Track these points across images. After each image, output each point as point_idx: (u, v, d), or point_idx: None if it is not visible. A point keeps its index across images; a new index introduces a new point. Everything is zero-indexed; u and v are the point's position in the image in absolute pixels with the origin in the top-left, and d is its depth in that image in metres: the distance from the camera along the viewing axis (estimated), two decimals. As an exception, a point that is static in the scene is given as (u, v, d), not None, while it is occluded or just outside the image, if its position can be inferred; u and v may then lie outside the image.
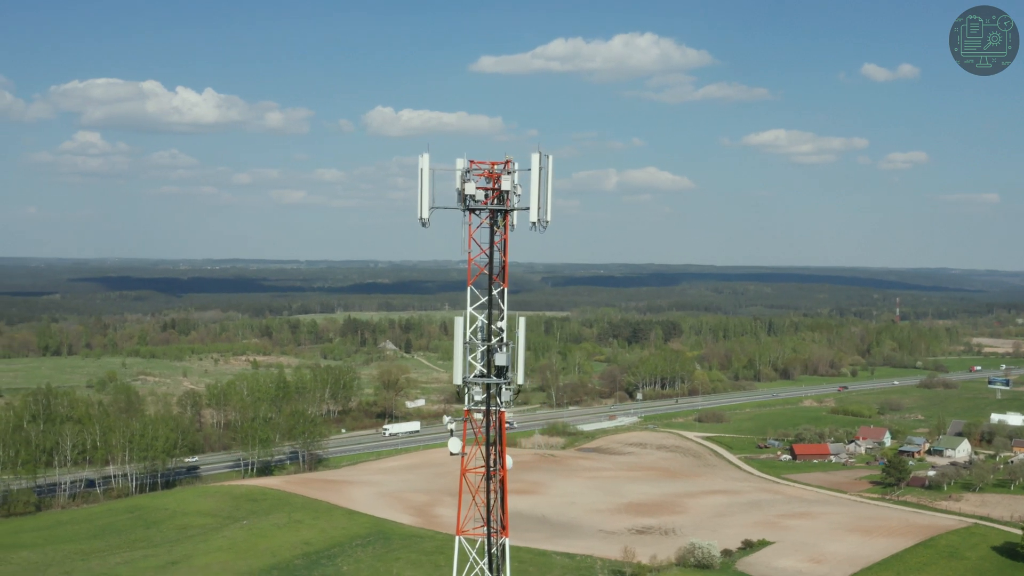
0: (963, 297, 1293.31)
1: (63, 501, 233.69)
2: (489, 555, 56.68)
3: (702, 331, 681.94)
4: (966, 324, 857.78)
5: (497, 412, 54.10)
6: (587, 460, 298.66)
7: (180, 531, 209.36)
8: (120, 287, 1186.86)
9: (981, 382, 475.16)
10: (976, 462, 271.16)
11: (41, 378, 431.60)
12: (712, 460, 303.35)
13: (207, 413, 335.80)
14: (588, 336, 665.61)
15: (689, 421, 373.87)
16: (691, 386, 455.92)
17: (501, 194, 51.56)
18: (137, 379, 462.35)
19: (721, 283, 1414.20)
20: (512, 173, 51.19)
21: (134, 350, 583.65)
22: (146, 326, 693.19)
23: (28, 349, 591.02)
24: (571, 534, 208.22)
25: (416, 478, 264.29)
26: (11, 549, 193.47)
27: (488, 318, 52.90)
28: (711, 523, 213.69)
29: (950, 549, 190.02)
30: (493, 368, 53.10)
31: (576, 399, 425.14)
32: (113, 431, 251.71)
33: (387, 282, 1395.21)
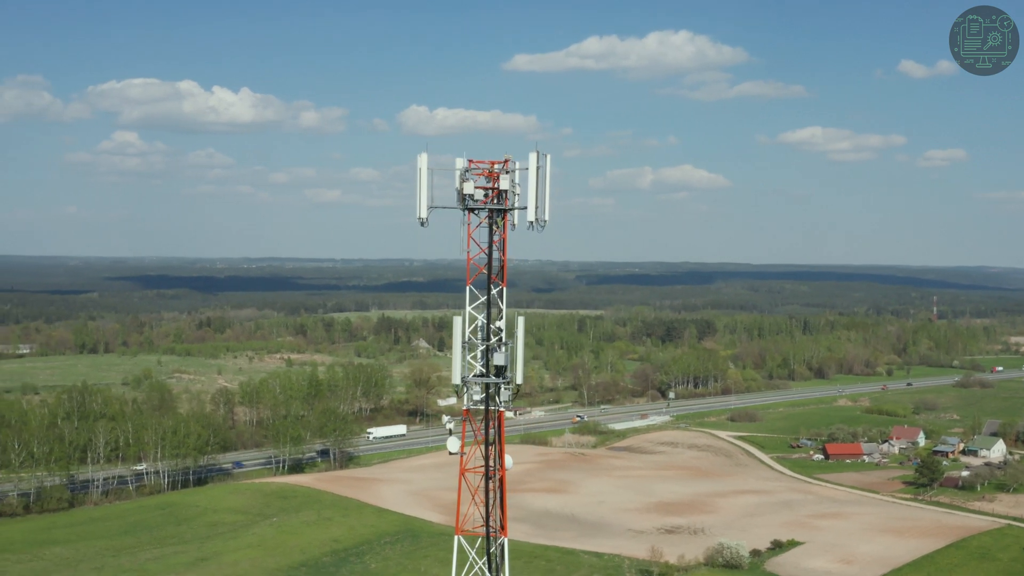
0: (1002, 296, 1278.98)
1: (96, 498, 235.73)
2: (488, 554, 56.56)
3: (737, 330, 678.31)
4: (1004, 323, 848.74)
5: (496, 412, 53.93)
6: (618, 459, 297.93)
7: (210, 528, 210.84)
8: (157, 285, 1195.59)
9: (1018, 381, 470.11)
10: (1011, 462, 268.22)
11: (77, 376, 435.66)
12: (744, 459, 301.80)
13: (240, 411, 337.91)
14: (622, 335, 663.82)
15: (721, 420, 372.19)
16: (724, 385, 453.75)
17: (500, 193, 51.42)
18: (172, 377, 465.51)
19: (757, 281, 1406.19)
20: (511, 172, 51.05)
21: (170, 348, 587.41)
22: (182, 324, 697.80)
23: (65, 347, 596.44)
24: (600, 533, 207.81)
25: (445, 476, 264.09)
26: (44, 545, 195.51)
27: (487, 317, 52.74)
28: (741, 523, 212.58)
29: (982, 550, 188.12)
30: (492, 368, 52.97)
31: (608, 398, 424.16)
32: (145, 428, 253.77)
33: (422, 280, 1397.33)
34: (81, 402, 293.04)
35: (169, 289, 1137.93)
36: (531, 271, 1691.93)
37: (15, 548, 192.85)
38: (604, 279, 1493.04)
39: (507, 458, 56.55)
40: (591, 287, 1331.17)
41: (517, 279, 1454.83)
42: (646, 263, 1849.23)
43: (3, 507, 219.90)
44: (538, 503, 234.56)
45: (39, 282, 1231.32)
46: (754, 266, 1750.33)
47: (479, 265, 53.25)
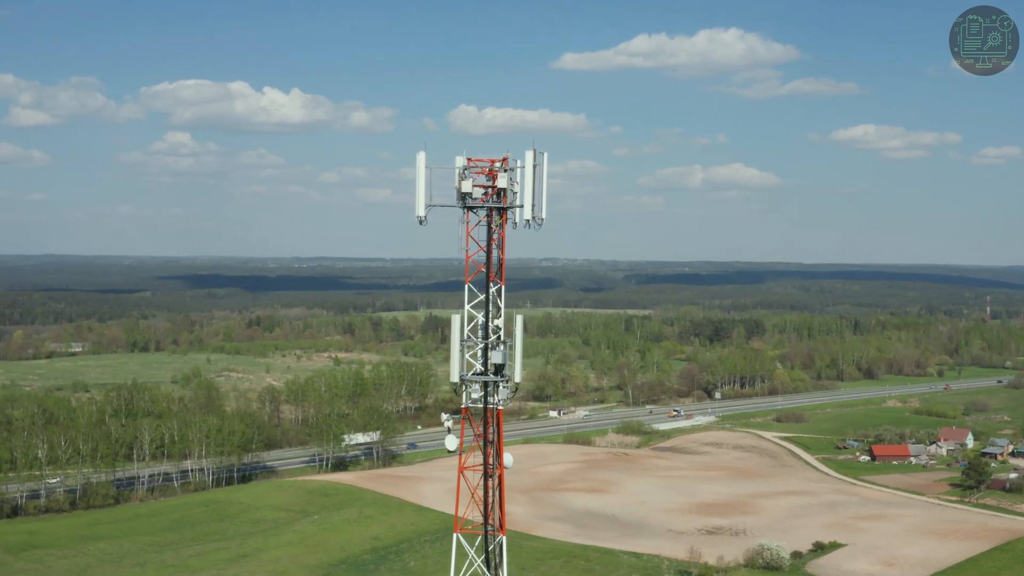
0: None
1: (141, 494, 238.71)
2: (487, 553, 56.62)
3: (786, 330, 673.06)
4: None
5: (495, 410, 53.88)
6: (661, 459, 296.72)
7: (253, 525, 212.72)
8: (209, 285, 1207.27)
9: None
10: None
11: (128, 374, 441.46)
12: (789, 460, 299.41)
13: (286, 409, 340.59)
14: (669, 334, 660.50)
15: (768, 421, 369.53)
16: (771, 385, 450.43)
17: (499, 192, 51.39)
18: (221, 375, 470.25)
19: (808, 281, 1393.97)
20: (509, 171, 50.99)
21: (219, 347, 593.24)
22: (232, 323, 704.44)
23: (117, 345, 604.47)
24: (640, 533, 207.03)
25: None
26: (88, 541, 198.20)
27: (486, 316, 52.70)
28: (783, 524, 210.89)
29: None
30: (491, 366, 52.94)
31: (653, 398, 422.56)
32: (190, 426, 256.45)
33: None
34: (129, 400, 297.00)
35: (220, 288, 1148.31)
36: (579, 270, 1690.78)
37: (60, 544, 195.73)
38: (653, 278, 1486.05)
39: (507, 456, 56.44)
40: (640, 286, 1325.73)
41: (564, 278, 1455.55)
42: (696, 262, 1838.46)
43: (50, 503, 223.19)
44: (579, 503, 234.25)
45: (93, 281, 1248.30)
46: (805, 265, 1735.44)
47: (478, 264, 53.22)
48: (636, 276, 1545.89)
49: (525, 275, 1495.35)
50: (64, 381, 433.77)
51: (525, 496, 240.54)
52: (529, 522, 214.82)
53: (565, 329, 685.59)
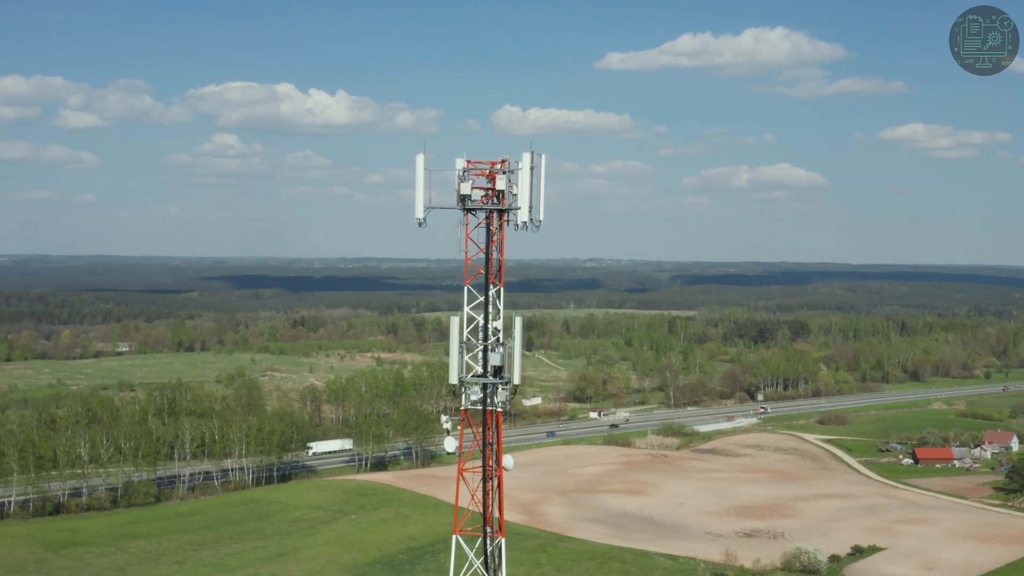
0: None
1: (182, 493, 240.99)
2: (486, 555, 56.59)
3: (831, 331, 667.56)
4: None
5: (494, 412, 53.83)
6: (701, 461, 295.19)
7: (291, 524, 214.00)
8: (255, 285, 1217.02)
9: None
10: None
11: (173, 373, 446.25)
12: (830, 463, 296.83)
13: (327, 408, 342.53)
14: (713, 336, 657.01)
15: (810, 423, 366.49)
16: (815, 387, 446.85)
17: (498, 194, 51.43)
18: (265, 375, 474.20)
19: (855, 282, 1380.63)
20: (508, 173, 50.98)
21: (264, 346, 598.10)
22: (276, 323, 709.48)
23: (163, 345, 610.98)
24: (677, 535, 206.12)
25: (526, 476, 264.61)
26: (128, 539, 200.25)
27: (485, 318, 52.68)
28: (822, 527, 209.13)
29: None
30: (490, 368, 52.94)
31: (695, 399, 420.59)
32: (230, 425, 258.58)
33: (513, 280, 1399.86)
34: (171, 399, 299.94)
35: (266, 289, 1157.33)
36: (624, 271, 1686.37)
37: (100, 541, 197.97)
38: (698, 279, 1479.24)
39: (507, 459, 56.38)
40: (685, 287, 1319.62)
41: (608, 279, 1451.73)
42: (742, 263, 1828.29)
43: (91, 501, 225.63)
44: (616, 504, 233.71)
45: (141, 282, 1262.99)
46: (852, 266, 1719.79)
47: (477, 266, 53.27)
48: (681, 277, 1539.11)
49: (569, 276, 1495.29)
50: (110, 380, 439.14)
51: (563, 497, 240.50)
52: (566, 523, 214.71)
53: (608, 330, 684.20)
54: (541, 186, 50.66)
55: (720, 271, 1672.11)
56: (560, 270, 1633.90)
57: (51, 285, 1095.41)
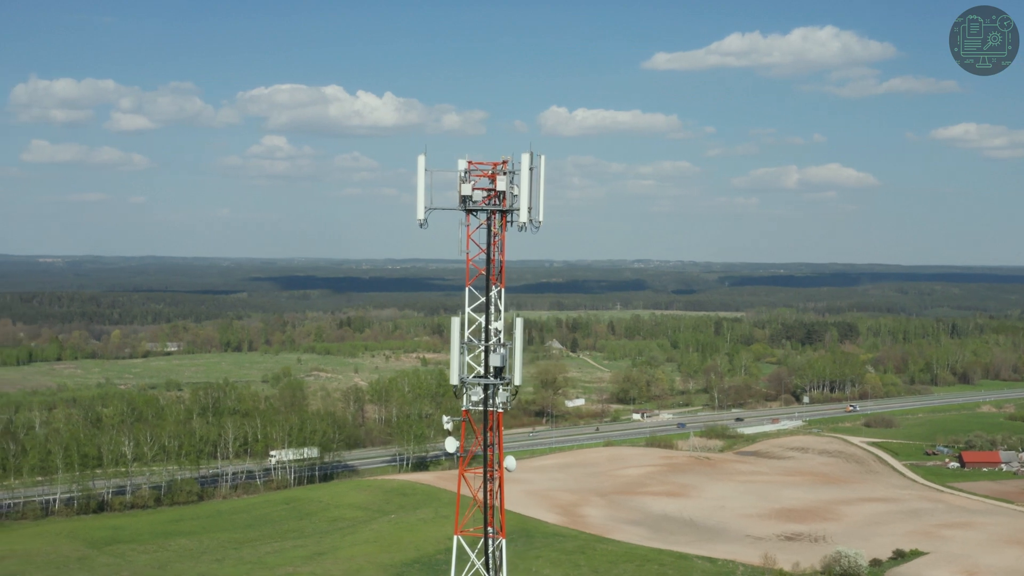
0: None
1: (225, 491, 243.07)
2: (487, 555, 56.45)
3: (880, 333, 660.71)
4: None
5: (495, 413, 53.75)
6: (743, 463, 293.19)
7: (331, 523, 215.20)
8: (304, 286, 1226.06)
9: None
10: None
11: (220, 373, 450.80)
12: (875, 466, 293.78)
13: (370, 408, 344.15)
14: (760, 337, 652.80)
15: (856, 426, 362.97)
16: (861, 390, 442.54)
17: (499, 195, 51.45)
18: (311, 375, 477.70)
19: (906, 283, 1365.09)
20: (509, 174, 50.95)
21: (310, 347, 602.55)
22: (323, 323, 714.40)
23: (211, 345, 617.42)
24: (717, 538, 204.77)
25: (567, 477, 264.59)
26: (170, 536, 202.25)
27: (485, 319, 52.60)
28: (864, 531, 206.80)
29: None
30: (491, 369, 52.89)
31: (740, 401, 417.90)
32: (273, 425, 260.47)
33: (560, 281, 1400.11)
34: (216, 398, 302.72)
35: (314, 289, 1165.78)
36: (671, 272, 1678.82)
37: (142, 539, 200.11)
38: (747, 280, 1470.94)
39: (509, 460, 56.27)
40: (733, 288, 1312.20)
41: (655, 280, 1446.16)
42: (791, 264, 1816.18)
43: (135, 499, 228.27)
44: (657, 506, 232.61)
45: (192, 282, 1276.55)
46: (903, 267, 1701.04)
47: (479, 267, 53.26)
48: (730, 278, 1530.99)
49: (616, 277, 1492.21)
50: (158, 380, 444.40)
51: (603, 499, 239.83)
52: (605, 525, 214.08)
53: (654, 332, 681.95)
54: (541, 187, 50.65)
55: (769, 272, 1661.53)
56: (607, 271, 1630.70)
57: (103, 286, 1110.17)
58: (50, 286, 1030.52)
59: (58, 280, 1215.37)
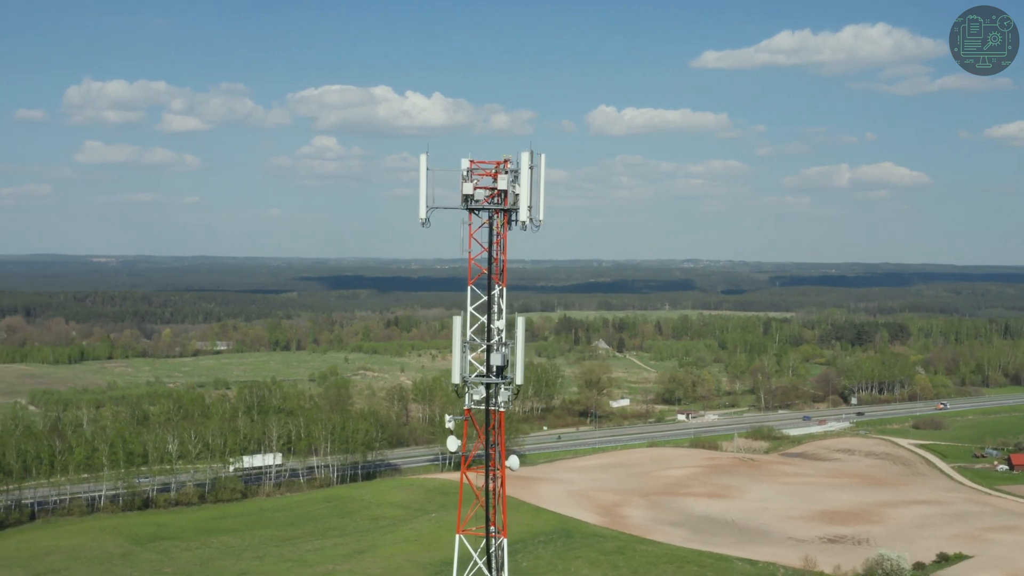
0: None
1: (268, 489, 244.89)
2: (488, 555, 56.56)
3: (931, 333, 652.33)
4: None
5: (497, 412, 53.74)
6: (788, 465, 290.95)
7: (372, 521, 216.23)
8: (353, 285, 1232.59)
9: None
10: None
11: (268, 372, 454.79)
12: (922, 468, 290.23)
13: (414, 407, 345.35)
14: (809, 338, 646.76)
15: (905, 428, 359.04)
16: (911, 391, 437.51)
17: (500, 194, 51.54)
18: (357, 374, 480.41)
19: (960, 283, 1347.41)
20: (509, 173, 51.00)
21: (357, 346, 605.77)
22: (370, 323, 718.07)
23: (260, 344, 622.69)
24: (759, 540, 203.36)
25: (609, 477, 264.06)
26: (213, 534, 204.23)
27: (487, 318, 52.59)
28: (908, 534, 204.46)
29: None
30: (493, 368, 52.90)
31: (787, 402, 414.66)
32: (315, 423, 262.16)
33: (608, 281, 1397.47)
34: (261, 397, 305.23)
35: (363, 289, 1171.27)
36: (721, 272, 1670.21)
37: (186, 536, 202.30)
38: (797, 280, 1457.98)
39: (513, 459, 56.26)
40: (784, 288, 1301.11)
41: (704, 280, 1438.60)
42: (843, 264, 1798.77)
43: (179, 496, 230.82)
44: (699, 508, 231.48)
45: (243, 282, 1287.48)
46: (957, 267, 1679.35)
47: (480, 266, 53.36)
48: (780, 278, 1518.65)
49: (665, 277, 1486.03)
50: (206, 378, 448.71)
51: (644, 500, 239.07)
52: (646, 526, 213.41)
53: (701, 332, 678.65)
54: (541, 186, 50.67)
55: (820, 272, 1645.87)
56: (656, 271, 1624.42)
57: (155, 285, 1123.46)
58: (103, 285, 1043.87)
59: (111, 279, 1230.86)
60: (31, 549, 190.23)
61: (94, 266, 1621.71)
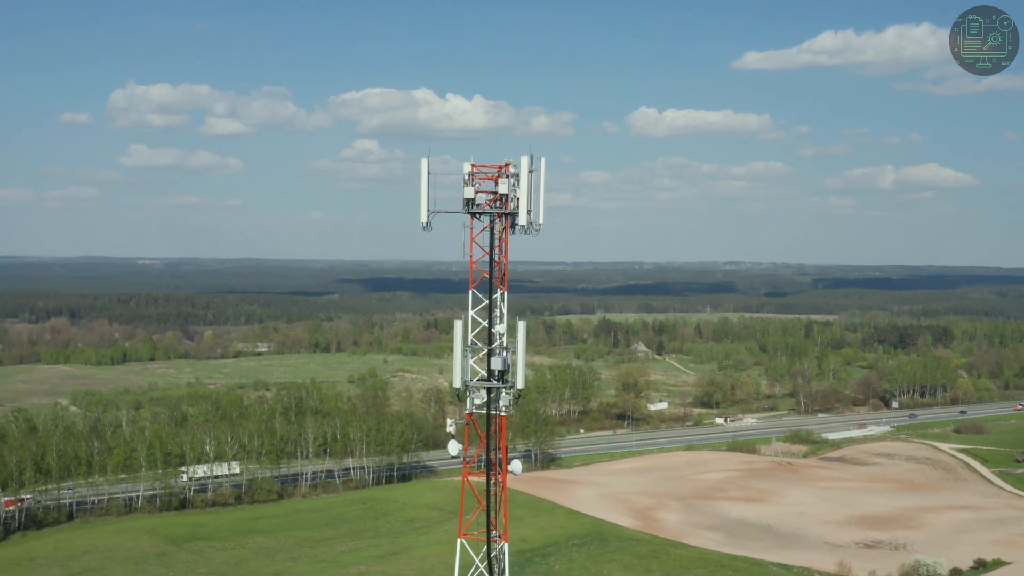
0: None
1: (304, 490, 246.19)
2: (489, 559, 56.47)
3: (976, 337, 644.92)
4: None
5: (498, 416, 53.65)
6: (826, 469, 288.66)
7: (406, 523, 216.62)
8: (393, 287, 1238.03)
9: None
10: None
11: (308, 373, 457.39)
12: (963, 473, 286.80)
13: (450, 409, 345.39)
14: (851, 341, 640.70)
15: (946, 432, 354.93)
16: (953, 395, 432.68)
17: (501, 197, 51.50)
18: (396, 375, 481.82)
19: (1006, 286, 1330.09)
20: (509, 177, 50.96)
21: (397, 348, 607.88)
22: (409, 325, 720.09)
23: (300, 346, 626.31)
24: (794, 545, 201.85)
25: (645, 481, 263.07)
26: (248, 534, 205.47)
27: (489, 322, 52.49)
28: (946, 540, 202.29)
29: None
30: (494, 372, 52.82)
31: (827, 406, 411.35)
32: (351, 425, 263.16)
33: (649, 283, 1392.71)
34: (298, 398, 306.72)
35: (404, 291, 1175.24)
36: (763, 274, 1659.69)
37: (222, 536, 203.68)
38: (840, 283, 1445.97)
39: (515, 463, 56.15)
40: (827, 291, 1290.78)
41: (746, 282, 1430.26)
42: (887, 266, 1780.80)
43: (216, 497, 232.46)
44: (735, 512, 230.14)
45: (285, 284, 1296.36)
46: (1004, 270, 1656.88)
47: (481, 270, 53.23)
48: (823, 280, 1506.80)
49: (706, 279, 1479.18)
50: (246, 380, 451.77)
51: (680, 503, 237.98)
52: (681, 530, 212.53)
53: (742, 335, 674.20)
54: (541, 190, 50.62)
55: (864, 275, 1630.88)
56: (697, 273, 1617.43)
57: (198, 287, 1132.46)
58: (147, 287, 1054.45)
59: (156, 282, 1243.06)
60: (68, 548, 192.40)
61: (139, 268, 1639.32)
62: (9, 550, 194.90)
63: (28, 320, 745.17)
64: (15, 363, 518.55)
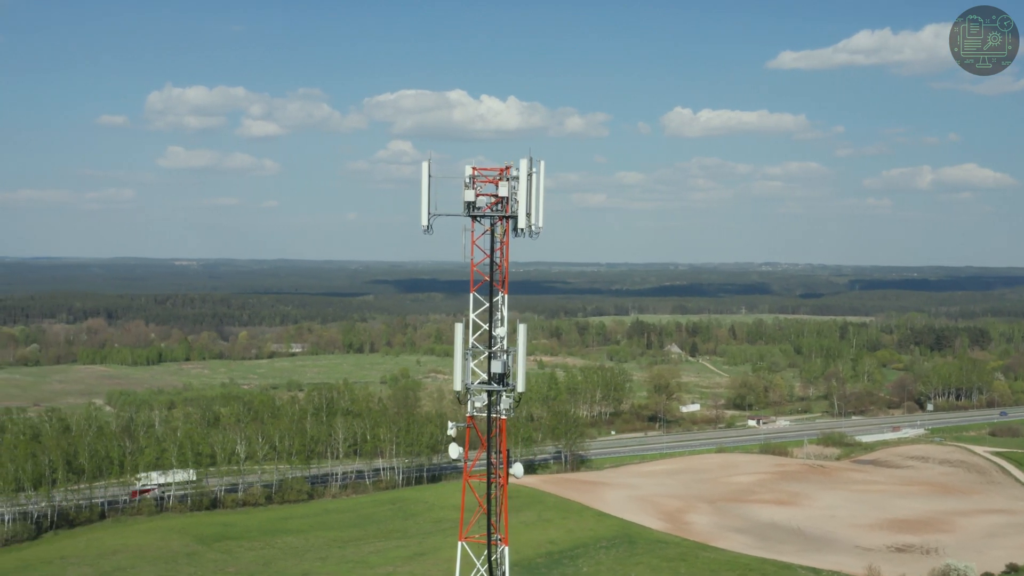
0: None
1: (334, 491, 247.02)
2: (490, 563, 56.55)
3: (1013, 338, 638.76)
4: None
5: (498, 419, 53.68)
6: (859, 472, 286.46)
7: (434, 524, 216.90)
8: (428, 288, 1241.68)
9: None
10: None
11: (341, 374, 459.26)
12: (998, 477, 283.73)
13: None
14: (887, 343, 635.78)
15: (981, 435, 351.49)
16: (989, 397, 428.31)
17: (502, 200, 51.57)
18: (428, 376, 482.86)
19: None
20: (509, 180, 50.99)
21: (430, 348, 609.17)
22: (443, 326, 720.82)
23: (334, 346, 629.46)
24: (824, 548, 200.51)
25: (675, 483, 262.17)
26: (277, 534, 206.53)
27: (489, 325, 52.48)
28: (978, 544, 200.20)
29: None
30: (494, 375, 52.82)
31: (861, 408, 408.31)
32: (382, 425, 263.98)
33: (683, 284, 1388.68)
34: (330, 399, 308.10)
35: (438, 292, 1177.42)
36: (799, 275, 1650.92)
37: (251, 536, 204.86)
38: (877, 284, 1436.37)
39: (517, 466, 56.19)
40: (863, 292, 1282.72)
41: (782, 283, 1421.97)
42: (924, 267, 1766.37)
43: (246, 497, 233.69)
44: (765, 515, 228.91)
45: (321, 285, 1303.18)
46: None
47: (483, 273, 53.25)
48: (860, 281, 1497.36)
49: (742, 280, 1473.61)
50: (280, 380, 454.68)
51: (710, 506, 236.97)
52: (710, 532, 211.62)
53: (776, 336, 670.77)
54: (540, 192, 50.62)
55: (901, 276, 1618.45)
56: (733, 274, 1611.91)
57: (234, 288, 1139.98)
58: (184, 288, 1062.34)
59: (192, 282, 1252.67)
60: (99, 547, 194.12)
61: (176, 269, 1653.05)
62: (41, 549, 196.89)
63: (65, 320, 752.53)
64: (52, 363, 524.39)
